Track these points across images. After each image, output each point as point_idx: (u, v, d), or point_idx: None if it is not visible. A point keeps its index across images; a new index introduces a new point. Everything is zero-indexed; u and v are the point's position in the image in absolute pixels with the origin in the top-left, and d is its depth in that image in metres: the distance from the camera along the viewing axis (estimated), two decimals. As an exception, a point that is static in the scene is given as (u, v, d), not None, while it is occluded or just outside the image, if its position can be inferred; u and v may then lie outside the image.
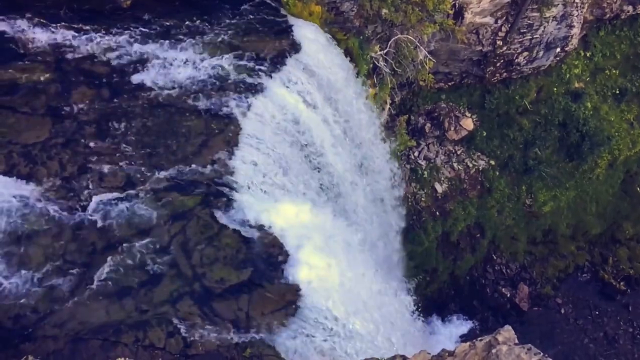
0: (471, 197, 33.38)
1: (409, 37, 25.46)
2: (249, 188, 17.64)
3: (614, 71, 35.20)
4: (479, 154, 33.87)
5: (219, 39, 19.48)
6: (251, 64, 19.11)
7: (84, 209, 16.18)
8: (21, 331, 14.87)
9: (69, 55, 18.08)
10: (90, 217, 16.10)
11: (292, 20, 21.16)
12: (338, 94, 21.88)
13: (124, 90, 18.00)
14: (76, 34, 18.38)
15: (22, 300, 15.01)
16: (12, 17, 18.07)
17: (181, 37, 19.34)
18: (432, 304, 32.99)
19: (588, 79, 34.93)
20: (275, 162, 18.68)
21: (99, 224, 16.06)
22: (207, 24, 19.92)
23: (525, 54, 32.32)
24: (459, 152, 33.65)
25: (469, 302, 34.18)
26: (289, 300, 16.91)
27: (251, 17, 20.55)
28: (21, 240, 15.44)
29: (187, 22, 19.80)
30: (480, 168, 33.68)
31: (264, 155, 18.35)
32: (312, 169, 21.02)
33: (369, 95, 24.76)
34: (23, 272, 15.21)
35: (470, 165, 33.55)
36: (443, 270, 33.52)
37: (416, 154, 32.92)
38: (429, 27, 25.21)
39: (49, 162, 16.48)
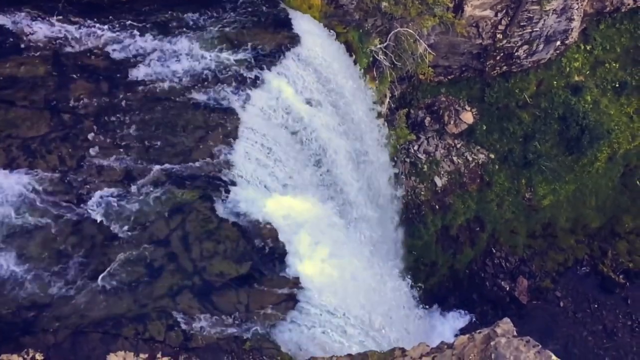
0: (471, 191, 33.39)
1: (409, 30, 25.41)
2: (248, 181, 17.64)
3: (614, 64, 35.12)
4: (479, 147, 33.86)
5: (218, 32, 19.42)
6: (250, 57, 19.07)
7: (84, 202, 16.18)
8: (21, 325, 14.91)
9: (68, 49, 18.03)
10: (89, 211, 16.12)
11: (291, 13, 21.10)
12: (337, 87, 21.83)
13: (122, 83, 17.97)
14: (74, 28, 18.32)
15: (22, 294, 15.04)
16: (10, 10, 18.01)
17: (179, 30, 19.29)
18: (431, 297, 33.06)
19: (588, 72, 34.86)
20: (275, 155, 18.67)
21: (99, 218, 16.08)
22: (205, 17, 19.86)
23: (525, 47, 32.24)
24: (458, 146, 33.63)
25: (469, 295, 34.26)
26: (288, 293, 16.96)
27: (250, 9, 20.48)
28: (21, 234, 15.46)
29: (185, 15, 19.74)
30: (480, 162, 33.68)
31: (263, 148, 18.34)
32: (311, 161, 21.02)
33: (369, 87, 24.72)
34: (23, 266, 15.24)
35: (470, 158, 33.54)
36: (443, 264, 33.59)
37: (416, 147, 32.89)
38: (428, 20, 25.17)
39: (48, 155, 16.48)
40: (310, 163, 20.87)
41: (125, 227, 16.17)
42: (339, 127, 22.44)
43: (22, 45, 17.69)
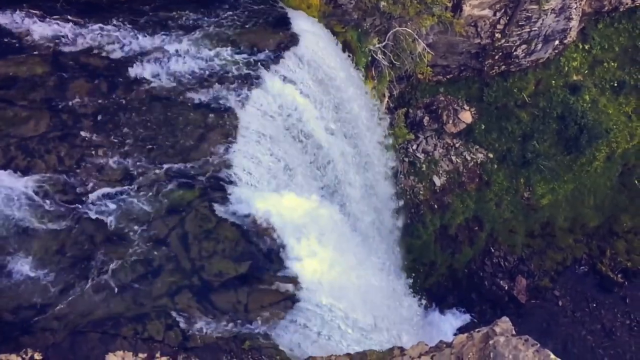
0: (469, 190, 33.41)
1: (408, 29, 25.41)
2: (247, 182, 17.64)
3: (612, 64, 35.15)
4: (478, 147, 33.87)
5: (217, 32, 19.41)
6: (249, 57, 19.07)
7: (83, 202, 16.17)
8: (21, 324, 14.90)
9: (67, 49, 18.02)
10: (88, 211, 16.11)
11: (290, 12, 21.10)
12: (335, 86, 21.84)
13: (121, 83, 17.96)
14: (73, 27, 18.31)
15: (21, 294, 15.03)
16: (8, 9, 17.99)
17: (179, 29, 19.28)
18: (430, 296, 33.10)
19: (586, 71, 34.90)
20: (274, 155, 18.67)
21: (98, 217, 16.07)
22: (205, 16, 19.86)
23: (524, 46, 32.27)
24: (457, 145, 33.65)
25: (467, 294, 34.30)
26: (287, 293, 16.95)
27: (249, 9, 20.48)
28: (20, 234, 15.45)
29: (185, 15, 19.73)
30: (479, 161, 33.70)
31: (263, 148, 18.33)
32: (310, 161, 21.02)
33: (368, 87, 24.74)
34: (22, 265, 15.23)
35: (469, 158, 33.56)
36: (441, 264, 33.61)
37: (414, 147, 32.91)
38: (427, 20, 25.17)
39: (46, 155, 16.46)
40: (310, 161, 20.89)
41: (125, 227, 16.17)
42: (353, 158, 22.53)
43: (21, 45, 17.68)
